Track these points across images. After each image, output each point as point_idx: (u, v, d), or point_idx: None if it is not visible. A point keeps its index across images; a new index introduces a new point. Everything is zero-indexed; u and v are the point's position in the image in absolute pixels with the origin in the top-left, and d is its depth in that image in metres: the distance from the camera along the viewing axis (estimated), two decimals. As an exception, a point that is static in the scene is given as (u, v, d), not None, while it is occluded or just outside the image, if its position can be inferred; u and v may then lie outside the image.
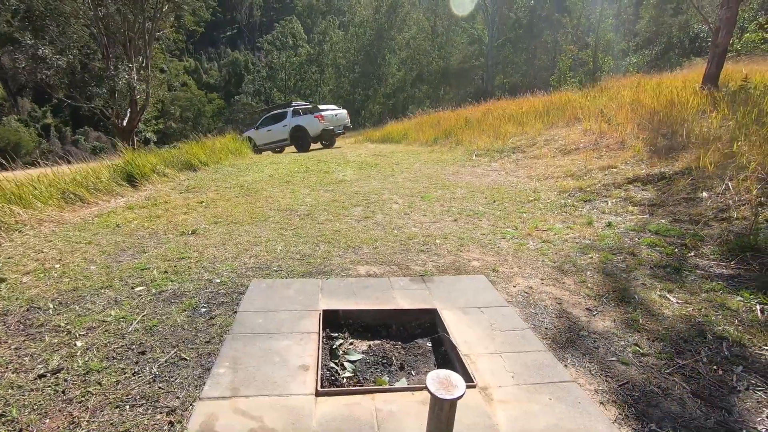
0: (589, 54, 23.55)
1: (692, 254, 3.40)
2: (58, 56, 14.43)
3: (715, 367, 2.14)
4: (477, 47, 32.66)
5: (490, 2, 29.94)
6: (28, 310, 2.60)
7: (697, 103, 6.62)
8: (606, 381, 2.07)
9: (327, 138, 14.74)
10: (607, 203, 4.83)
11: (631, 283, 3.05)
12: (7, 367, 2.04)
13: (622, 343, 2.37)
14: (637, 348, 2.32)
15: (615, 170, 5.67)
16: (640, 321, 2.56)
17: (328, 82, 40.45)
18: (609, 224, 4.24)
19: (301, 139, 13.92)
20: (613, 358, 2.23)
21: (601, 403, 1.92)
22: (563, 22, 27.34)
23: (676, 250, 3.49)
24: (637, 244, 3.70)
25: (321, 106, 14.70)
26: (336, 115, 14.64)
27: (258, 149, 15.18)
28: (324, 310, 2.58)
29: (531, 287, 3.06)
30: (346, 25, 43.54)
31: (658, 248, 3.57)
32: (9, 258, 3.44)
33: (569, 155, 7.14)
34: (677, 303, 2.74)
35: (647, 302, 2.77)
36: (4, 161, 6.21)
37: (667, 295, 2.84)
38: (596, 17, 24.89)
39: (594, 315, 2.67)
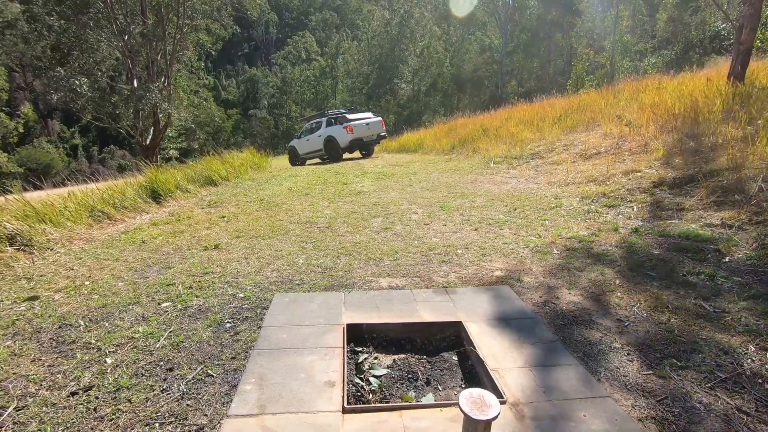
0: (605, 56, 23.24)
1: (727, 260, 3.26)
2: (84, 80, 15.04)
3: (760, 381, 2.02)
4: (489, 54, 32.66)
5: (502, 9, 29.97)
6: (60, 327, 2.67)
7: (722, 102, 6.42)
8: (643, 396, 1.98)
9: (361, 148, 14.17)
10: (633, 208, 4.70)
11: (663, 291, 2.93)
12: (41, 385, 2.09)
13: (658, 355, 2.27)
14: (675, 360, 2.21)
15: (639, 174, 5.52)
16: (675, 332, 2.45)
17: (340, 95, 40.99)
18: (636, 230, 4.11)
19: (333, 150, 13.64)
20: (650, 372, 2.14)
21: (640, 419, 1.84)
22: (575, 24, 27.12)
23: (710, 255, 3.36)
24: (667, 251, 3.57)
25: (352, 115, 13.86)
26: (368, 124, 13.70)
27: (301, 159, 14.95)
28: (348, 324, 2.56)
29: (558, 297, 2.98)
30: (360, 38, 44.16)
31: (689, 254, 3.43)
32: (42, 276, 3.56)
33: (590, 160, 7.00)
34: (714, 312, 2.62)
35: (681, 311, 2.66)
36: (36, 182, 6.49)
37: (703, 304, 2.72)
38: (611, 20, 24.61)
39: (626, 325, 2.57)
